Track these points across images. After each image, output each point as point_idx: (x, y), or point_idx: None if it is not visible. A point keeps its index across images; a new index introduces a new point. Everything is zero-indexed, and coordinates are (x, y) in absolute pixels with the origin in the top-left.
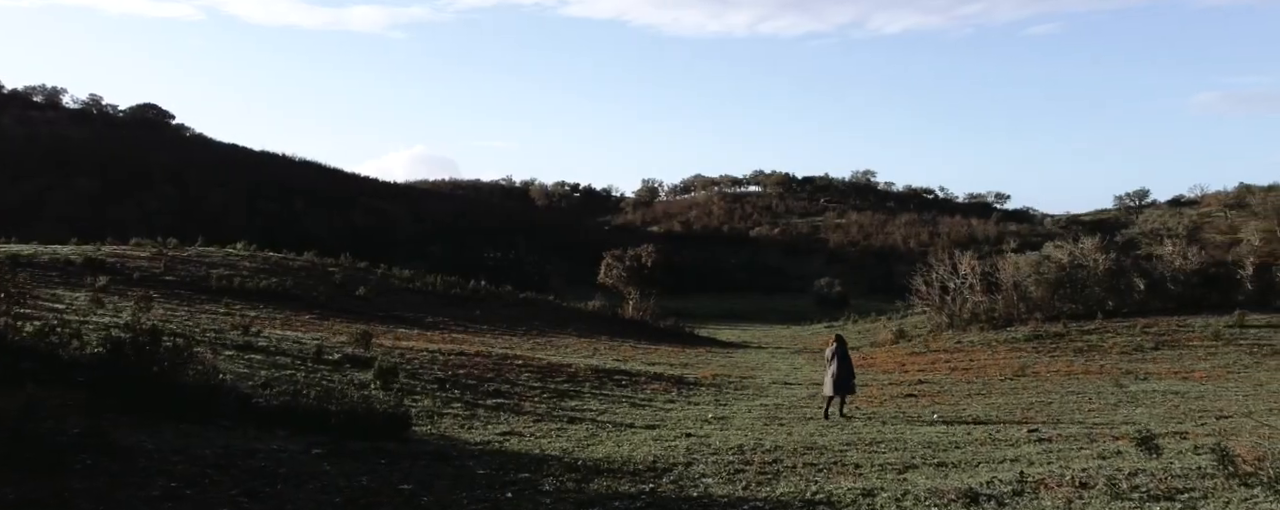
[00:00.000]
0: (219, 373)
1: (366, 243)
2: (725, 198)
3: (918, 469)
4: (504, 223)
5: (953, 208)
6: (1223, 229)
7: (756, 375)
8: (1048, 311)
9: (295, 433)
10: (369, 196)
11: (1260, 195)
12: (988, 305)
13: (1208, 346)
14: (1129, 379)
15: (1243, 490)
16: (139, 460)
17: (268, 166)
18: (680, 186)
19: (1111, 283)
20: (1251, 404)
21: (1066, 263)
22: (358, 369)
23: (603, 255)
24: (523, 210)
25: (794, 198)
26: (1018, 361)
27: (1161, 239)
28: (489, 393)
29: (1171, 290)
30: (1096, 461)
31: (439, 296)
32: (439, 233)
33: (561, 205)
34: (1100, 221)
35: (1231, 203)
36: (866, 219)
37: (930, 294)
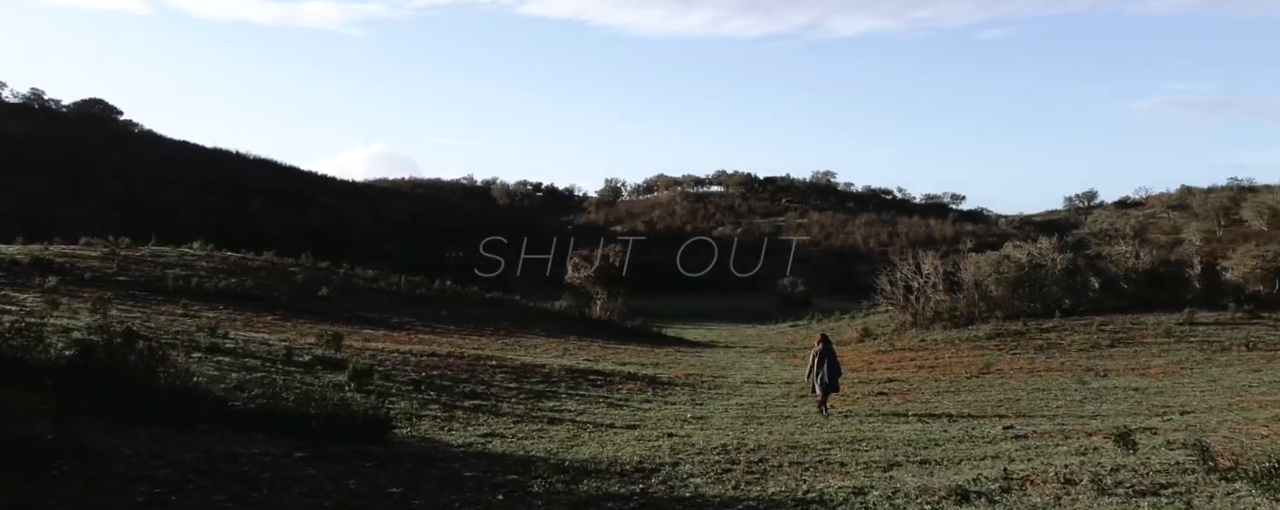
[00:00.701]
0: (192, 376)
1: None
2: (688, 198)
3: (902, 466)
4: (465, 222)
5: (910, 208)
6: (1166, 229)
7: (728, 374)
8: (1008, 310)
9: (275, 436)
10: (326, 195)
11: (1200, 197)
12: (950, 304)
13: (1161, 343)
14: (1090, 376)
15: (1224, 485)
16: (116, 465)
17: (220, 164)
18: (643, 186)
19: (1068, 282)
20: (1211, 399)
21: (1025, 262)
22: (330, 371)
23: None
24: (484, 209)
25: (756, 198)
26: (981, 359)
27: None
28: (465, 394)
29: (1125, 289)
30: (1076, 458)
31: (404, 297)
32: (398, 232)
33: (524, 204)
34: (1052, 222)
35: (1174, 204)
36: (827, 219)
37: (895, 293)
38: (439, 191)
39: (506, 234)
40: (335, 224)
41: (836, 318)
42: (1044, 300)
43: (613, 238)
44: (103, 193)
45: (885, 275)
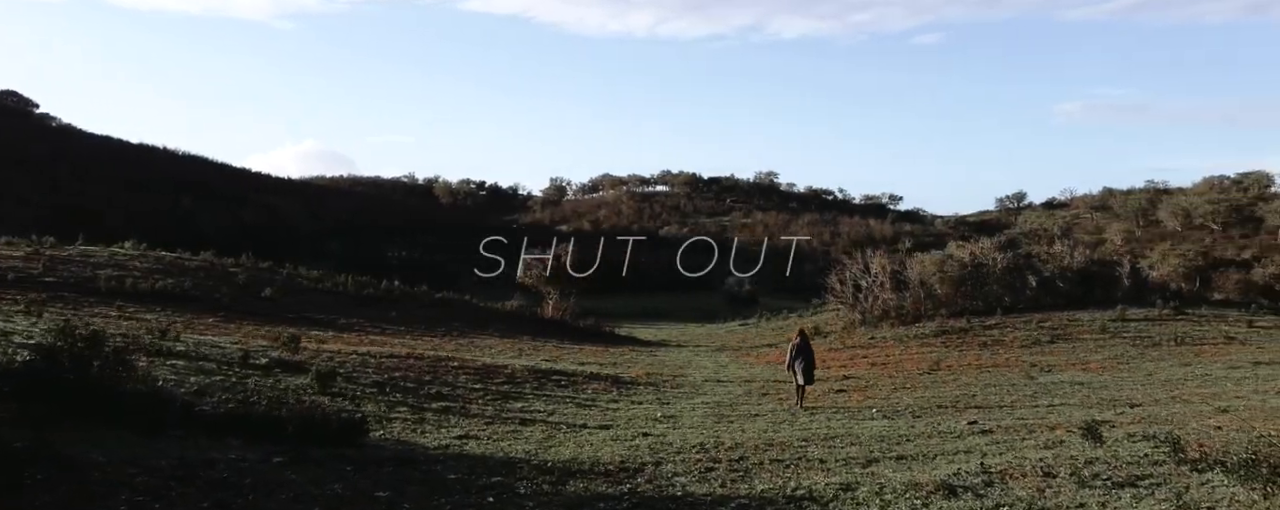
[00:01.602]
0: (155, 380)
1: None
2: (634, 197)
3: (880, 462)
4: (407, 221)
5: (851, 208)
6: (1090, 230)
7: (687, 373)
8: (952, 308)
9: (249, 441)
10: (262, 193)
11: (1121, 198)
12: (897, 303)
13: (1097, 339)
14: (1036, 371)
15: (1197, 476)
16: (92, 473)
17: (148, 160)
18: (588, 186)
19: (1009, 281)
20: (1155, 393)
21: (968, 262)
22: (290, 373)
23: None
24: (426, 208)
25: (701, 197)
26: (931, 356)
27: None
28: (432, 396)
29: (1061, 288)
30: (1046, 451)
31: (351, 297)
32: (339, 231)
33: (467, 203)
34: (984, 222)
35: (1096, 205)
36: (771, 219)
37: (844, 292)
38: (379, 190)
39: (450, 234)
40: (272, 223)
41: (785, 316)
42: (986, 298)
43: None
44: (22, 189)
45: (835, 274)
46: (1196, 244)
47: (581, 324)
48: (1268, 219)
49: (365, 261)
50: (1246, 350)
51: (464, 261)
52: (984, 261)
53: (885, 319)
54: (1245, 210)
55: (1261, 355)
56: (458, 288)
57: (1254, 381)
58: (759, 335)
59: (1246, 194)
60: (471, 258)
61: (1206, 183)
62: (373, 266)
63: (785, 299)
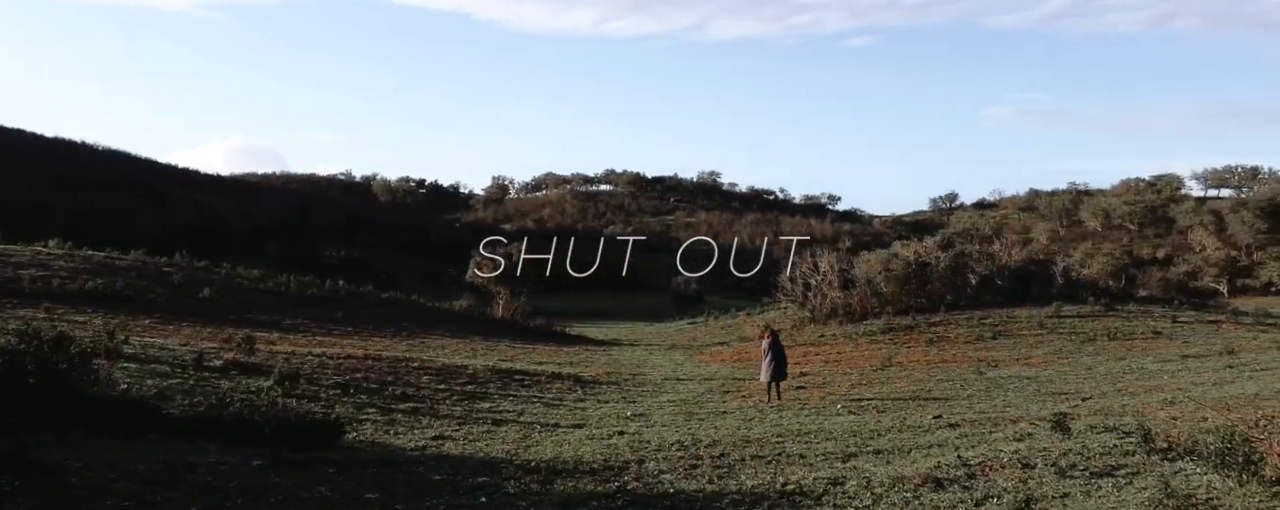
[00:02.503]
0: (117, 383)
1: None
2: (578, 196)
3: (858, 456)
4: (345, 219)
5: (792, 208)
6: (1017, 229)
7: (646, 372)
8: (898, 306)
9: (225, 445)
10: (191, 190)
11: (1046, 200)
12: (845, 300)
13: (1036, 335)
14: (985, 367)
15: (1169, 465)
16: (71, 479)
17: (66, 155)
18: (531, 184)
19: (951, 279)
20: (1101, 386)
21: (912, 260)
22: (247, 375)
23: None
24: (365, 206)
25: (646, 197)
26: (881, 353)
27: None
28: (397, 397)
29: (999, 285)
30: (1017, 443)
31: (294, 297)
32: (274, 230)
33: (407, 202)
34: (919, 222)
35: (1023, 206)
36: (715, 218)
37: (794, 290)
38: (315, 187)
39: (390, 232)
40: (204, 221)
41: (732, 314)
42: (929, 296)
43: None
44: None
45: (785, 272)
46: (1116, 243)
47: (532, 324)
48: (1179, 219)
49: (303, 261)
50: (1173, 344)
51: (406, 260)
52: (928, 260)
53: (834, 317)
54: (1159, 211)
55: (1188, 349)
56: (401, 287)
57: (1188, 373)
58: (709, 334)
59: (1159, 196)
60: (414, 256)
61: (1123, 185)
62: (311, 266)
63: (731, 297)
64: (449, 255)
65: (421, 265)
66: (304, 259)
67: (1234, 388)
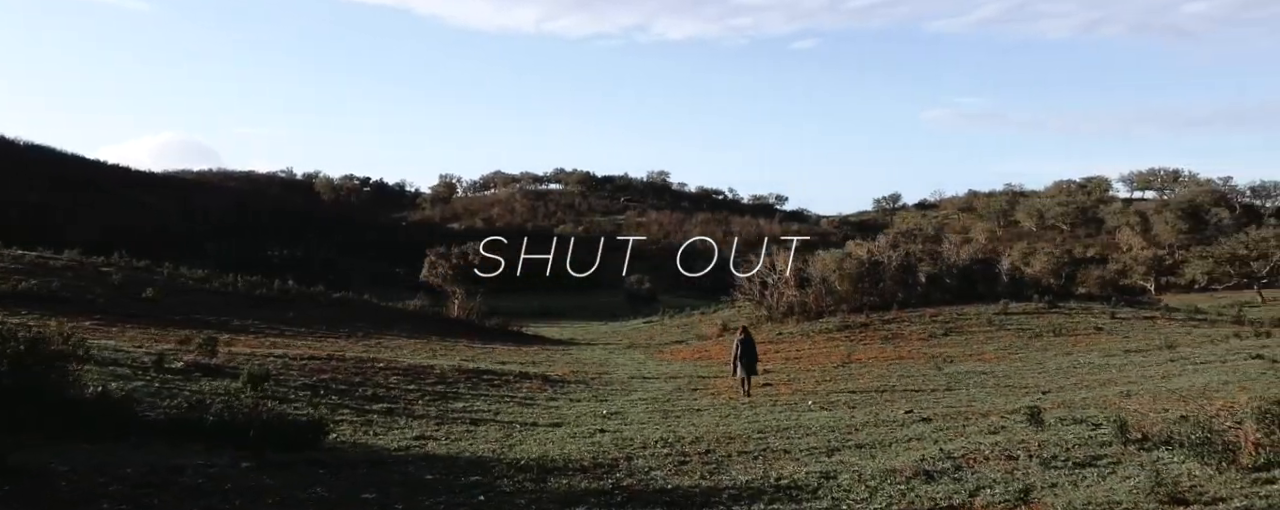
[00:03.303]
0: (86, 386)
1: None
2: (528, 195)
3: (841, 451)
4: (288, 218)
5: (741, 208)
6: (957, 229)
7: (610, 371)
8: (852, 304)
9: (209, 447)
10: (125, 187)
11: (984, 200)
12: (801, 299)
13: (985, 332)
14: (942, 362)
15: (1146, 454)
16: (59, 483)
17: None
18: (479, 183)
19: (902, 277)
20: (1057, 380)
21: (866, 259)
22: (212, 377)
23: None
24: (308, 205)
25: (596, 196)
26: (839, 350)
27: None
28: (368, 397)
29: (948, 284)
30: (993, 436)
31: (243, 298)
32: (214, 228)
33: (351, 200)
34: (864, 222)
35: (963, 206)
36: (665, 218)
37: (751, 289)
38: (254, 185)
39: (335, 231)
40: (140, 221)
41: (687, 314)
42: (882, 294)
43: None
44: None
45: (742, 271)
46: (1050, 243)
47: (488, 324)
48: (1107, 220)
49: (245, 260)
50: (1115, 339)
51: (352, 259)
52: (880, 260)
53: (790, 315)
54: (1089, 212)
55: (1129, 343)
56: (349, 287)
57: (1135, 367)
58: (665, 333)
59: (1089, 197)
60: (361, 256)
61: (1056, 186)
62: (254, 266)
63: (683, 296)
64: (397, 254)
65: (369, 264)
66: (246, 258)
67: (1182, 380)
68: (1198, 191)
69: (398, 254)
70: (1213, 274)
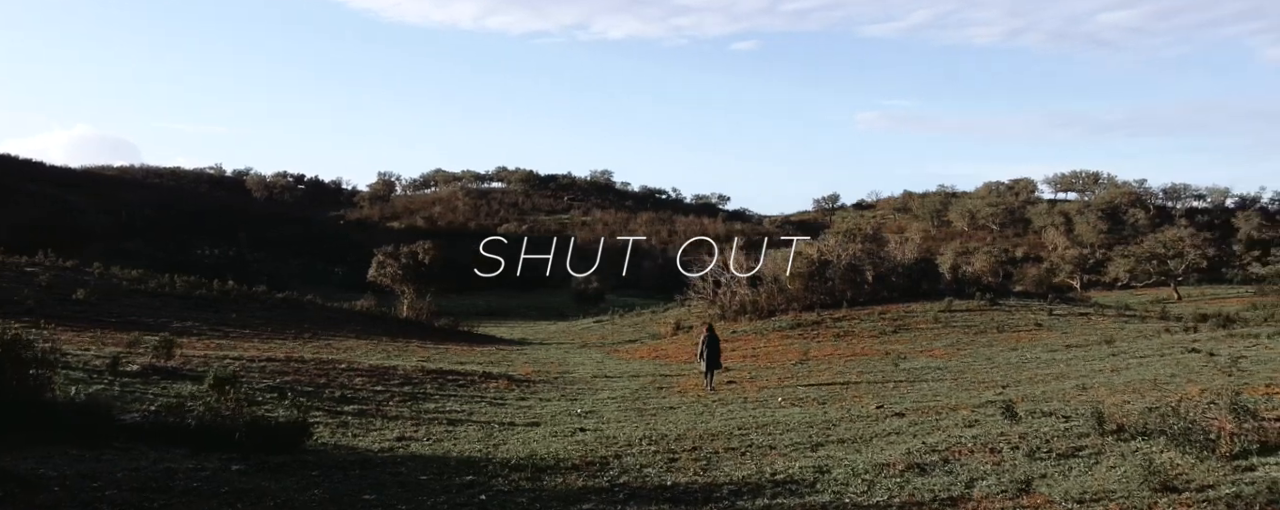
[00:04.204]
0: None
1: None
2: (470, 194)
3: (825, 446)
4: (218, 216)
5: (684, 207)
6: (894, 229)
7: (572, 371)
8: (803, 302)
9: (194, 451)
10: (37, 183)
11: (918, 201)
12: (753, 297)
13: (932, 329)
14: (897, 359)
15: (1125, 444)
16: (53, 488)
17: None
18: (419, 181)
19: (850, 276)
20: (1012, 374)
21: (815, 258)
22: (171, 380)
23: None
24: (239, 202)
25: (539, 195)
26: (794, 347)
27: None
28: (338, 399)
29: (894, 282)
30: (969, 430)
31: (181, 299)
32: (138, 227)
33: (284, 198)
34: (805, 222)
35: (898, 207)
36: (610, 217)
37: (704, 288)
38: (181, 182)
39: (270, 230)
40: (56, 218)
41: (637, 313)
42: (831, 293)
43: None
44: None
45: (696, 270)
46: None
47: (438, 324)
48: (1034, 220)
49: (173, 260)
50: (1055, 335)
51: (289, 259)
52: (829, 259)
53: (743, 313)
54: (1017, 212)
55: (1069, 339)
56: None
57: (1080, 362)
58: (617, 332)
59: (1017, 198)
60: (298, 255)
61: (986, 187)
62: (183, 266)
63: (628, 295)
64: (335, 253)
65: (307, 264)
66: (174, 258)
67: (1131, 373)
68: (1116, 193)
69: (336, 253)
70: (1134, 272)
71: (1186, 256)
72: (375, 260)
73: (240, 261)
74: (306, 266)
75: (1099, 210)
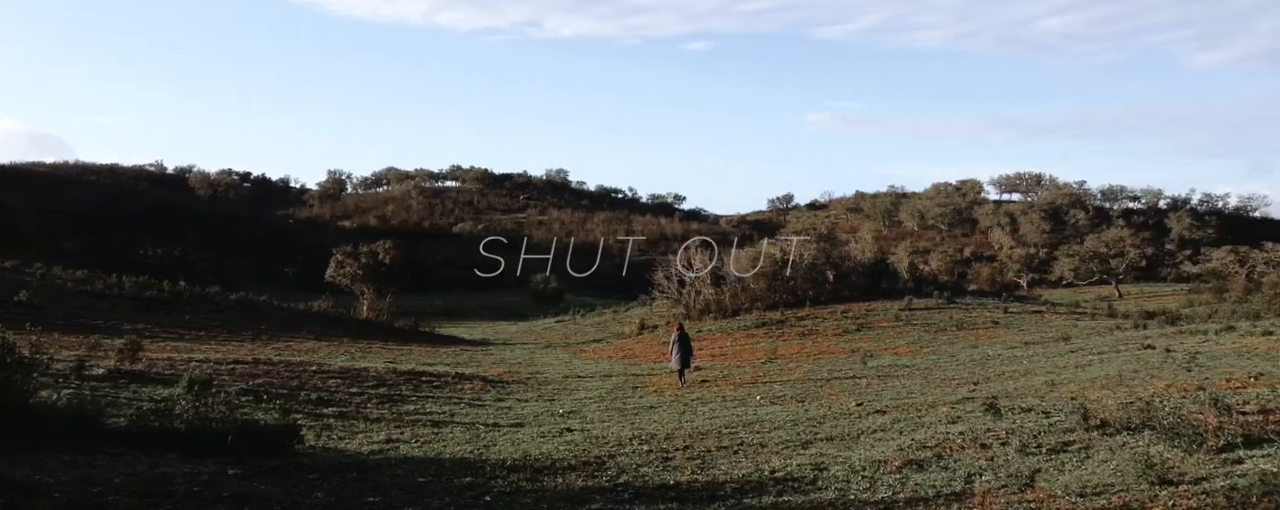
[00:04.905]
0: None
1: None
2: (424, 192)
3: (814, 444)
4: (160, 215)
5: (641, 207)
6: (846, 229)
7: (542, 371)
8: (767, 301)
9: (186, 455)
10: None
11: (870, 201)
12: (717, 297)
13: (894, 327)
14: (865, 357)
15: (1111, 439)
16: (53, 494)
17: None
18: (371, 180)
19: (812, 275)
20: (978, 372)
21: (779, 258)
22: (140, 383)
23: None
24: (182, 201)
25: (495, 194)
26: (761, 346)
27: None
28: (315, 401)
29: (854, 281)
30: (953, 426)
31: (131, 300)
32: (73, 226)
33: (230, 196)
34: (760, 221)
35: (851, 207)
36: (567, 216)
37: (669, 287)
38: (119, 179)
39: (215, 229)
40: None
41: (599, 312)
42: (793, 292)
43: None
44: None
45: (660, 269)
46: (932, 241)
47: (398, 324)
48: (981, 220)
49: (113, 260)
50: (1012, 333)
51: (237, 259)
52: (793, 259)
53: (707, 312)
54: (965, 212)
55: (1027, 336)
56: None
57: (1043, 358)
58: (580, 332)
59: (964, 199)
60: (247, 255)
61: (934, 188)
62: (124, 266)
63: (587, 294)
64: (285, 253)
65: (257, 264)
66: (114, 258)
67: (1096, 370)
68: (1057, 194)
69: (287, 253)
70: (1078, 271)
71: (1127, 256)
72: (334, 260)
73: (186, 262)
74: (256, 267)
75: (1042, 211)
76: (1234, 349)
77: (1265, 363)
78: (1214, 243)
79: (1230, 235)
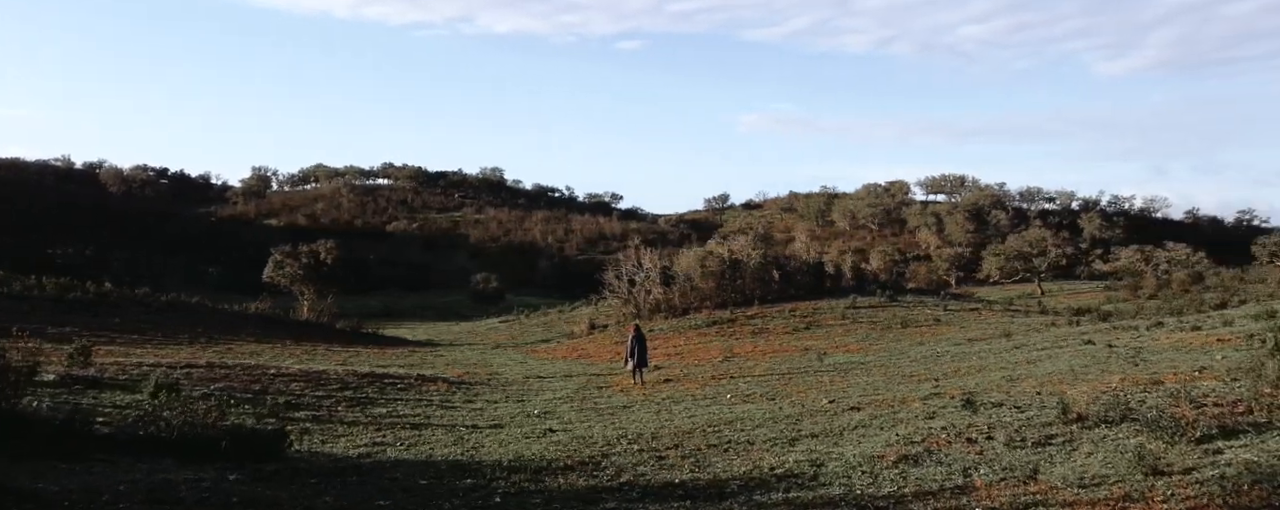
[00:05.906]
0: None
1: None
2: (355, 190)
3: (800, 442)
4: (71, 213)
5: (578, 206)
6: (781, 229)
7: (501, 372)
8: (716, 301)
9: (180, 461)
10: None
11: (803, 201)
12: (667, 296)
13: (842, 325)
14: (819, 355)
15: (1093, 432)
16: (62, 502)
17: None
18: (298, 176)
19: (760, 275)
20: (933, 368)
21: (727, 258)
22: (96, 389)
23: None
24: (94, 197)
25: (429, 192)
26: (715, 345)
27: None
28: (284, 406)
29: (799, 280)
30: (931, 421)
31: (54, 302)
32: None
33: (146, 193)
34: (698, 221)
35: (785, 207)
36: (504, 215)
37: (619, 287)
38: (19, 174)
39: (130, 227)
40: None
41: (545, 312)
42: (741, 291)
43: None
44: None
45: (611, 269)
46: (862, 241)
47: (340, 326)
48: (909, 220)
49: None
50: (954, 330)
51: (157, 258)
52: (741, 259)
53: (657, 312)
54: (893, 213)
55: (969, 333)
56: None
57: (990, 354)
58: (527, 332)
59: (893, 200)
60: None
61: (865, 189)
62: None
63: (528, 294)
64: (209, 253)
65: (179, 263)
66: (17, 257)
67: (1047, 365)
68: (980, 196)
69: (210, 252)
70: (1004, 269)
71: (1049, 255)
72: (272, 260)
73: (104, 262)
74: (178, 266)
75: (966, 211)
76: (1171, 344)
77: (1203, 357)
78: (1122, 242)
79: (1136, 235)
